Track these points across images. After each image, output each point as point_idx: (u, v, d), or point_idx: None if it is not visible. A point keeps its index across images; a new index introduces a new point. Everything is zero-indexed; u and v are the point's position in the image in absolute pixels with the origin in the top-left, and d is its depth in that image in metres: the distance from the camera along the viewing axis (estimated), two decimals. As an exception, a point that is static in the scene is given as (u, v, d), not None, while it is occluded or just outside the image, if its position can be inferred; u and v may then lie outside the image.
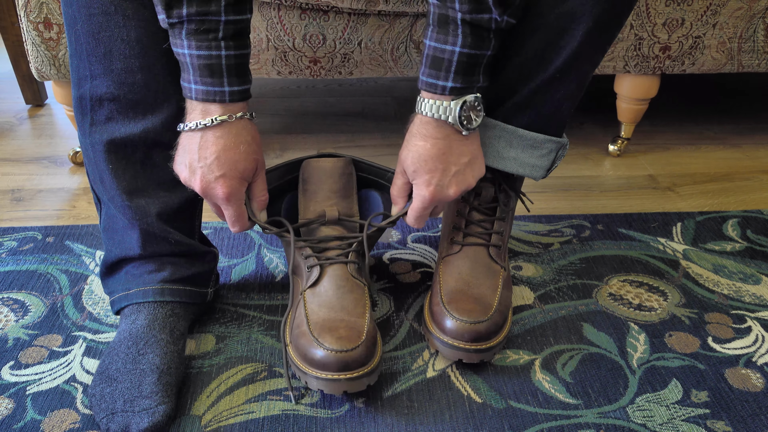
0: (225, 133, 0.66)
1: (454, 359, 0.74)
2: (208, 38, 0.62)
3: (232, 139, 0.66)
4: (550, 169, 0.79)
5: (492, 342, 0.73)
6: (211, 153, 0.66)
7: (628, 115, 1.20)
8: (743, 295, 0.87)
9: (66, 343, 0.77)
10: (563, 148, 0.79)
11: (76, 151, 1.17)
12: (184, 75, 0.65)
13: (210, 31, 0.62)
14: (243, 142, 0.67)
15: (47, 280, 0.87)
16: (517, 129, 0.76)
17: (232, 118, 0.66)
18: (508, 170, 0.78)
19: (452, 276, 0.79)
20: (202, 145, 0.66)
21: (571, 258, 0.94)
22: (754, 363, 0.76)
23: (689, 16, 1.07)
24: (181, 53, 0.63)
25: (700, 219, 1.03)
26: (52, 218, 1.02)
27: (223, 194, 0.67)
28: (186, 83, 0.65)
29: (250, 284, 0.87)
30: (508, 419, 0.69)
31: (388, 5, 1.00)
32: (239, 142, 0.67)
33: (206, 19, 0.61)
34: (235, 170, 0.67)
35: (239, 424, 0.67)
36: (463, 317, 0.72)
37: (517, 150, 0.77)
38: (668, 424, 0.68)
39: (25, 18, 0.99)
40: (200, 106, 0.65)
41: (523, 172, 0.78)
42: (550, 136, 0.77)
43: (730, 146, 1.29)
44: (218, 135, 0.66)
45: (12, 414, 0.68)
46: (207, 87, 0.64)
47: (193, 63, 0.63)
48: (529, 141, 0.76)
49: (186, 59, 0.63)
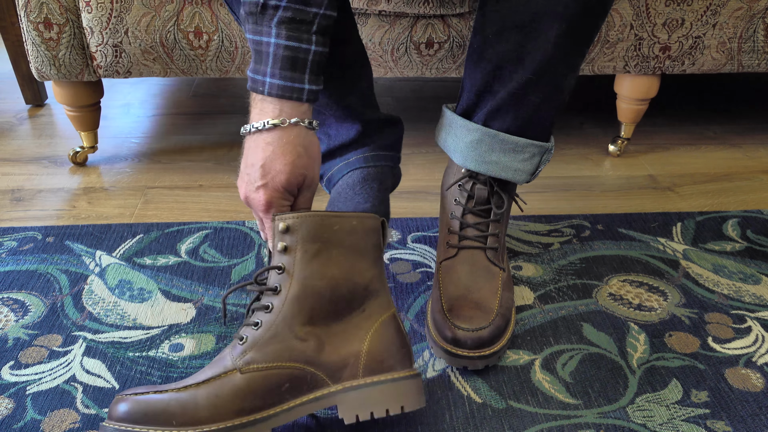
0: (276, 139, 0.61)
1: (459, 367, 0.74)
2: (300, 29, 0.59)
3: (281, 147, 0.61)
4: (534, 174, 0.80)
5: (496, 347, 0.73)
6: (258, 160, 0.61)
7: (628, 115, 1.20)
8: (743, 295, 0.87)
9: (66, 343, 0.77)
10: (548, 153, 0.79)
11: (76, 151, 1.17)
12: (259, 67, 0.60)
13: (304, 23, 0.59)
14: (292, 152, 0.61)
15: (47, 280, 0.87)
16: (498, 133, 0.76)
17: (285, 123, 0.61)
18: (491, 174, 0.79)
19: (451, 282, 0.78)
20: (252, 150, 0.61)
21: (571, 258, 0.94)
22: (754, 363, 0.76)
23: (689, 16, 1.07)
24: (264, 41, 0.59)
25: (700, 219, 1.03)
26: (52, 218, 1.02)
27: (262, 206, 0.62)
28: (260, 76, 0.61)
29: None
30: (508, 419, 0.69)
31: (389, 5, 1.00)
32: (288, 152, 0.61)
33: (305, 9, 0.58)
34: (276, 182, 0.61)
35: (239, 424, 0.67)
36: (464, 325, 0.72)
37: (498, 154, 0.77)
38: (668, 424, 0.68)
39: (25, 18, 0.99)
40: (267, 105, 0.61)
41: (506, 176, 0.79)
42: (532, 140, 0.77)
43: (730, 146, 1.29)
44: (268, 141, 0.61)
45: (12, 414, 0.68)
46: (285, 82, 0.60)
47: (277, 54, 0.59)
48: (510, 145, 0.77)
49: (269, 49, 0.59)
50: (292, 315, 0.61)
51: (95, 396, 0.70)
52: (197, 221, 1.01)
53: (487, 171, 0.79)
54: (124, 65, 1.05)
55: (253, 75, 0.62)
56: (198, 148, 1.25)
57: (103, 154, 1.22)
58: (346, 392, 0.61)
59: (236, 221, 1.00)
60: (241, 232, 0.98)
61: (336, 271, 0.62)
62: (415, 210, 1.05)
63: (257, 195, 0.62)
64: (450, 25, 1.04)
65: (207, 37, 1.03)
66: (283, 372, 0.60)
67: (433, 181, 1.13)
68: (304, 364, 0.60)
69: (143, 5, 1.00)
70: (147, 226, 0.99)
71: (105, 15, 1.00)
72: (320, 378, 0.61)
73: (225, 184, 1.13)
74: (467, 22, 1.04)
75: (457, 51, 1.07)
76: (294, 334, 0.61)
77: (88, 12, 1.00)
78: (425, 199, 1.08)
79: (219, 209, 1.05)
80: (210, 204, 1.07)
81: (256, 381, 0.59)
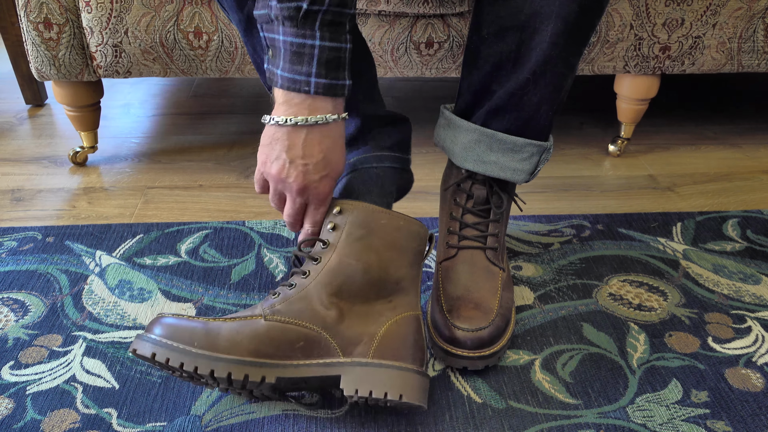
0: (330, 132, 0.65)
1: (459, 367, 0.74)
2: (339, 30, 0.62)
3: (334, 139, 0.66)
4: (533, 173, 0.79)
5: (495, 347, 0.73)
6: (318, 152, 0.65)
7: (628, 115, 1.20)
8: (743, 295, 0.87)
9: (66, 343, 0.77)
10: (546, 152, 0.79)
11: (76, 151, 1.17)
12: (300, 68, 0.62)
13: (342, 24, 0.62)
14: (341, 144, 0.67)
15: (47, 280, 0.87)
16: (496, 133, 0.76)
17: (339, 118, 0.65)
18: (489, 174, 0.79)
19: (451, 282, 0.78)
20: (308, 143, 0.64)
21: (571, 258, 0.94)
22: (754, 363, 0.76)
23: (689, 16, 1.07)
24: (308, 44, 0.61)
25: (700, 219, 1.03)
26: (52, 218, 1.02)
27: (323, 194, 0.67)
28: (302, 76, 0.63)
29: (250, 284, 0.87)
30: (508, 419, 0.69)
31: (389, 5, 1.00)
32: (339, 144, 0.66)
33: (342, 11, 0.61)
34: (336, 172, 0.67)
35: (239, 424, 0.67)
36: (464, 325, 0.72)
37: (497, 154, 0.77)
38: (668, 424, 0.68)
39: (25, 18, 0.99)
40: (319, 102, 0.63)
41: (504, 176, 0.79)
42: (531, 140, 0.77)
43: (730, 146, 1.29)
44: (325, 134, 0.65)
45: (12, 414, 0.68)
46: (332, 81, 0.63)
47: (322, 56, 0.62)
48: (509, 145, 0.77)
49: (314, 51, 0.61)
50: (323, 284, 0.67)
51: (95, 396, 0.70)
52: (197, 221, 1.01)
53: (485, 171, 0.79)
54: (124, 65, 1.05)
55: (292, 75, 0.63)
56: (198, 148, 1.25)
57: (103, 154, 1.22)
58: (353, 366, 0.64)
59: (236, 221, 1.00)
60: (241, 232, 0.98)
61: (373, 257, 0.67)
62: (415, 210, 1.05)
63: (321, 184, 0.66)
64: (450, 25, 1.04)
65: (207, 37, 1.03)
66: (302, 330, 0.65)
67: (433, 181, 1.13)
68: (321, 328, 0.65)
69: (143, 5, 1.00)
70: (147, 226, 0.99)
71: (105, 15, 1.00)
72: (333, 347, 0.65)
73: (225, 184, 1.13)
74: (467, 22, 1.04)
75: (457, 51, 1.07)
76: (320, 300, 0.66)
77: (88, 12, 1.00)
78: (425, 199, 1.08)
79: (219, 209, 1.05)
80: (210, 204, 1.07)
81: (275, 330, 0.64)
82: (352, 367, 0.64)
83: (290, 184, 0.66)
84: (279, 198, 0.70)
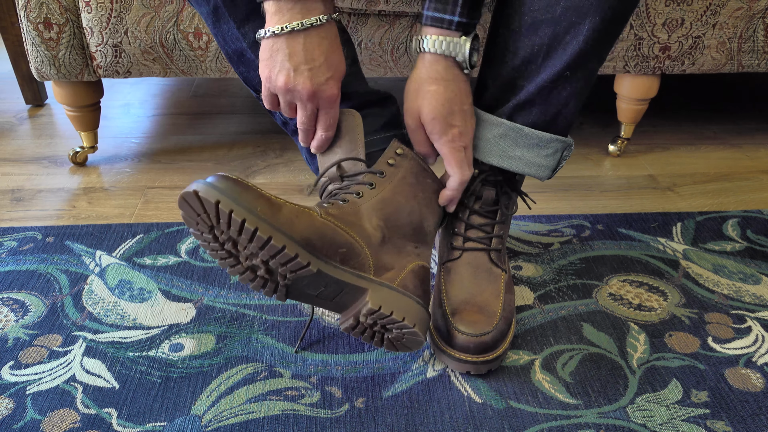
0: (327, 33, 0.65)
1: (463, 371, 0.73)
2: None
3: (331, 40, 0.66)
4: (555, 170, 0.78)
5: (498, 351, 0.73)
6: (319, 54, 0.65)
7: (628, 115, 1.20)
8: (743, 295, 0.87)
9: (66, 343, 0.77)
10: (569, 148, 0.78)
11: (76, 151, 1.17)
12: None
13: None
14: (338, 45, 0.67)
15: (47, 280, 0.87)
16: (523, 127, 0.75)
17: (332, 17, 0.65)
18: (513, 170, 0.77)
19: (454, 285, 0.78)
20: (308, 47, 0.64)
21: (571, 258, 0.94)
22: (754, 363, 0.76)
23: (689, 16, 1.07)
24: None
25: (700, 219, 1.03)
26: (52, 218, 1.02)
27: (332, 96, 0.68)
28: None
29: (250, 284, 0.87)
30: (508, 419, 0.69)
31: (388, 5, 1.00)
32: (337, 45, 0.66)
33: None
34: (339, 72, 0.67)
35: (239, 424, 0.67)
36: (468, 330, 0.71)
37: (522, 149, 0.76)
38: (668, 424, 0.68)
39: (25, 18, 1.00)
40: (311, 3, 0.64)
41: (529, 171, 0.77)
42: (556, 135, 0.76)
43: (730, 146, 1.29)
44: (322, 35, 0.65)
45: (12, 414, 0.68)
46: None
47: None
48: (535, 140, 0.75)
49: None
50: (375, 209, 0.71)
51: (95, 396, 0.70)
52: (197, 221, 1.01)
53: (510, 166, 0.77)
54: (124, 65, 1.05)
55: None
56: (198, 148, 1.25)
57: (103, 154, 1.22)
58: (381, 285, 0.68)
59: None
60: (241, 232, 0.98)
61: (416, 204, 0.74)
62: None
63: (328, 86, 0.67)
64: (450, 25, 1.04)
65: (207, 37, 1.03)
66: (348, 238, 0.67)
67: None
68: (365, 244, 0.69)
69: (143, 5, 1.00)
70: (147, 226, 0.99)
71: (105, 15, 1.00)
72: (368, 264, 0.69)
73: (225, 184, 1.13)
74: (467, 22, 1.04)
75: (457, 51, 1.06)
76: (369, 221, 0.70)
77: (87, 12, 1.00)
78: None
79: (219, 209, 1.05)
80: (210, 204, 1.07)
81: (327, 228, 0.67)
82: (380, 286, 0.68)
83: (299, 91, 0.66)
84: (290, 108, 0.70)
